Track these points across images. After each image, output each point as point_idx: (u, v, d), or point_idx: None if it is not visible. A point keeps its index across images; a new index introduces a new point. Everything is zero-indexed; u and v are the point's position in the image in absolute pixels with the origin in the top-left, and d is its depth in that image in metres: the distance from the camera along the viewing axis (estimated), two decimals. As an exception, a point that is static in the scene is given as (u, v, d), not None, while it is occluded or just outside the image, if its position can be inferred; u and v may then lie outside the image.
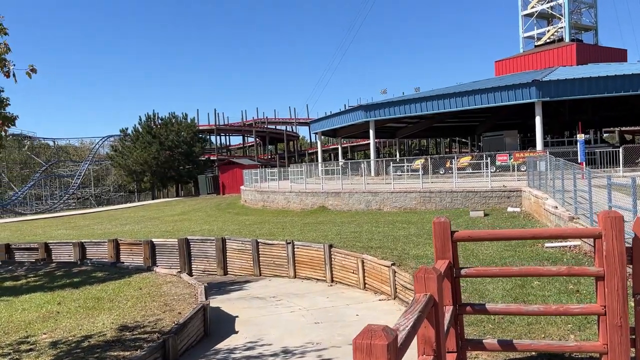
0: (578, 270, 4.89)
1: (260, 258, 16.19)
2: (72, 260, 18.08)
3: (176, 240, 18.07)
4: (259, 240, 16.26)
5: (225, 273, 17.24)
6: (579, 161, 24.17)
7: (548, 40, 42.23)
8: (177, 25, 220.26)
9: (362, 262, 12.66)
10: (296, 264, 15.18)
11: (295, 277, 15.27)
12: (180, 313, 8.62)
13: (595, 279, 4.83)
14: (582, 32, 43.50)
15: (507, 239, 6.34)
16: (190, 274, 17.94)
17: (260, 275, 16.24)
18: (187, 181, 63.70)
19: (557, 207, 14.72)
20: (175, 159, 59.15)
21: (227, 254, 17.14)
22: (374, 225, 19.70)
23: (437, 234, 5.03)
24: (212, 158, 72.55)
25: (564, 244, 12.22)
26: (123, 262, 15.33)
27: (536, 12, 42.94)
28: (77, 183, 70.81)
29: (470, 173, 27.93)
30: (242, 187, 39.59)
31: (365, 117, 34.14)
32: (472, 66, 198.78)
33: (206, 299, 9.30)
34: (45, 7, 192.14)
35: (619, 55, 41.85)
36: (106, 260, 18.87)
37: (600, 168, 25.06)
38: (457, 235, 5.07)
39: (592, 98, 37.51)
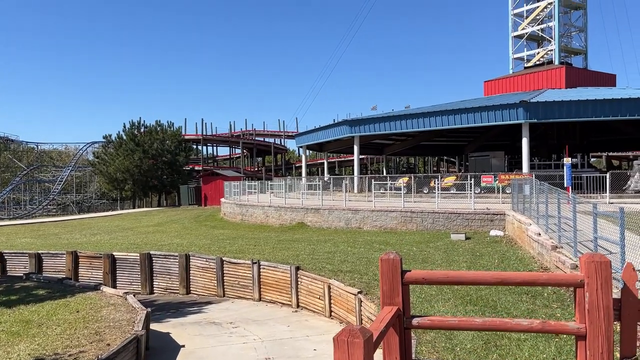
0: (554, 326, 3.98)
1: (225, 278, 15.13)
2: (26, 272, 16.83)
3: (138, 254, 16.95)
4: (223, 258, 15.21)
5: (188, 292, 16.14)
6: (565, 186, 23.46)
7: (538, 62, 41.96)
8: (168, 35, 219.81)
9: (329, 288, 11.67)
10: (261, 286, 14.14)
11: (260, 299, 14.22)
12: (109, 345, 7.58)
13: (575, 338, 3.93)
14: (572, 55, 43.32)
15: (470, 283, 5.41)
16: (151, 291, 16.87)
17: (223, 296, 15.16)
18: (170, 191, 62.41)
19: (540, 234, 13.89)
20: (158, 168, 57.94)
21: (191, 271, 16.05)
22: (350, 246, 18.75)
23: (384, 274, 4.10)
24: (197, 168, 71.37)
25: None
26: (71, 279, 14.19)
27: (526, 34, 42.71)
28: (57, 189, 69.13)
29: (455, 193, 27.14)
30: (222, 200, 38.52)
31: (350, 132, 33.35)
32: (462, 86, 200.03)
33: (143, 328, 8.25)
34: (33, 10, 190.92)
35: (608, 80, 41.64)
36: (63, 274, 17.71)
37: (587, 193, 24.35)
38: (410, 277, 4.14)
39: (580, 122, 37.17)
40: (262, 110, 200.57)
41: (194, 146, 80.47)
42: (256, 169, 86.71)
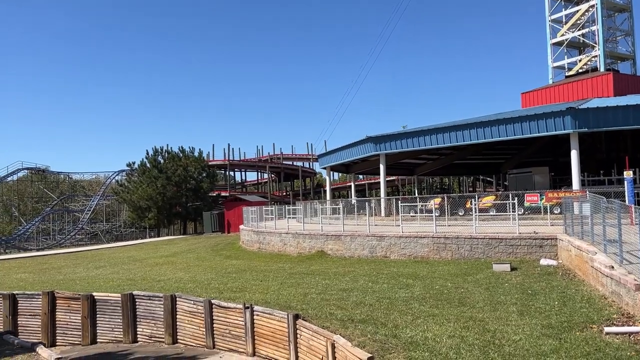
0: None
1: (215, 325, 12.38)
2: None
3: (120, 295, 14.44)
4: (213, 301, 12.48)
5: (175, 341, 13.44)
6: (628, 204, 19.98)
7: (580, 70, 38.37)
8: (199, 65, 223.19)
9: (333, 347, 8.77)
10: (256, 337, 11.32)
11: (254, 354, 11.40)
12: None
13: None
14: (619, 61, 39.58)
15: None
16: (134, 339, 14.29)
17: (213, 347, 12.39)
18: (195, 218, 60.55)
19: (613, 267, 10.68)
20: (182, 195, 56.34)
21: (177, 316, 13.38)
22: (371, 280, 15.80)
23: None
24: (223, 194, 69.59)
25: (631, 329, 8.20)
26: (14, 333, 11.76)
27: (566, 40, 39.30)
28: (85, 218, 68.51)
29: (495, 215, 23.74)
30: (241, 227, 36.05)
31: (375, 150, 30.48)
32: (495, 106, 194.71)
33: None
34: (62, 41, 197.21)
35: (662, 86, 37.59)
36: (39, 318, 15.39)
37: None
38: None
39: (632, 133, 33.30)
40: (291, 134, 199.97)
41: (222, 172, 79.09)
42: (284, 194, 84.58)
